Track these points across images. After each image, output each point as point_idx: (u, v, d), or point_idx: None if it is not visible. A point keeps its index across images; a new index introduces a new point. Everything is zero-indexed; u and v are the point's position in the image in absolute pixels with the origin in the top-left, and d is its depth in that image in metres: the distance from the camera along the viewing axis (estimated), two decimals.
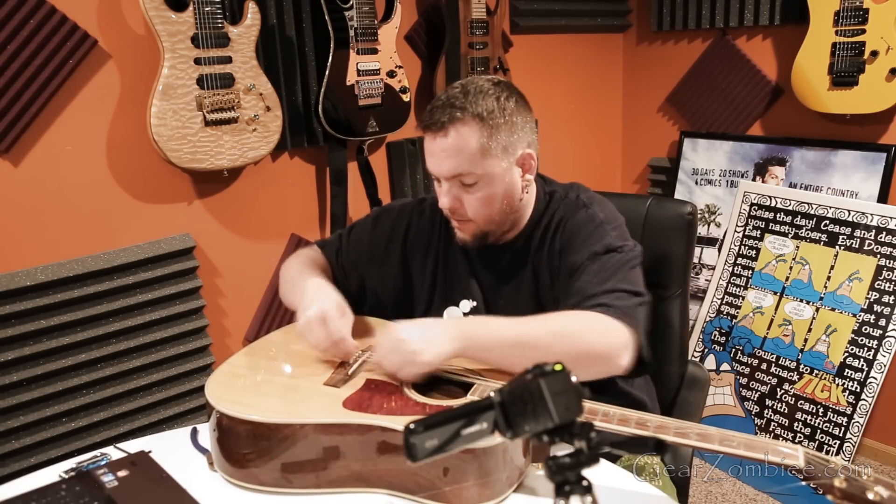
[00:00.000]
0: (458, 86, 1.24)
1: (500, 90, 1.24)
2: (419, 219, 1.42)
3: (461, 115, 1.20)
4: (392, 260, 1.42)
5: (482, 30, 2.41)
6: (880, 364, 2.31)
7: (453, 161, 1.21)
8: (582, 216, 1.28)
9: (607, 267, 1.21)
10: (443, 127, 1.20)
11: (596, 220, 1.27)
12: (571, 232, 1.27)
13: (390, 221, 1.44)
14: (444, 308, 1.38)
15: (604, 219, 1.28)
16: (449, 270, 1.38)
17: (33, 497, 1.04)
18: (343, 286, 1.43)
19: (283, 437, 1.03)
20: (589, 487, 0.62)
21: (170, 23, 1.75)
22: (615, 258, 1.22)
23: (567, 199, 1.33)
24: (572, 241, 1.26)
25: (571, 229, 1.27)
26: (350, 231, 1.49)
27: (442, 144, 1.21)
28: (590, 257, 1.22)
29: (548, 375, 0.64)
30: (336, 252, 1.47)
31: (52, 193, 1.80)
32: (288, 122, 2.12)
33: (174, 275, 1.96)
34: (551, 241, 1.30)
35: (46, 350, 1.76)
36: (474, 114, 1.20)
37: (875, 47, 2.26)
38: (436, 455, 0.66)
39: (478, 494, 0.98)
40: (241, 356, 1.24)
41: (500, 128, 1.21)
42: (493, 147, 1.21)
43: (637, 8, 3.03)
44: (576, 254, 1.24)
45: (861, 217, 2.39)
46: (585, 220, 1.28)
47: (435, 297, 1.39)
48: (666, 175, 3.02)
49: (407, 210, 1.44)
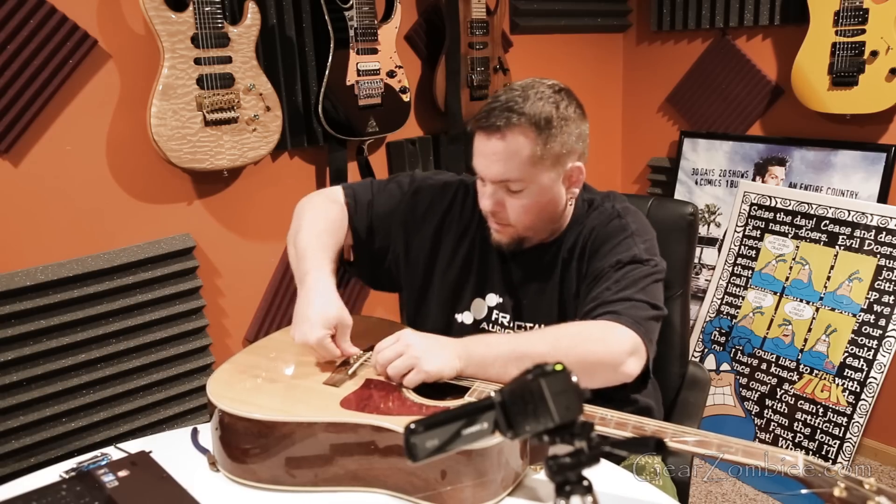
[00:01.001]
0: (517, 88, 1.21)
1: (561, 98, 1.21)
2: (462, 200, 1.39)
3: (518, 120, 1.17)
4: (425, 232, 1.39)
5: (482, 30, 2.41)
6: (880, 364, 2.31)
7: (503, 166, 1.19)
8: (614, 225, 1.28)
9: (628, 276, 1.20)
10: (498, 130, 1.17)
11: (627, 231, 1.27)
12: (601, 239, 1.27)
13: (431, 194, 1.40)
14: (472, 299, 1.36)
15: (635, 230, 1.27)
16: (482, 261, 1.36)
17: (33, 497, 1.05)
18: (364, 241, 1.41)
19: (283, 436, 1.03)
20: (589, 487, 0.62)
21: (170, 23, 1.75)
22: (638, 270, 1.22)
23: (602, 209, 1.32)
24: (600, 249, 1.26)
25: (601, 237, 1.27)
26: (387, 186, 1.44)
27: (494, 147, 1.18)
28: (614, 265, 1.22)
29: (548, 375, 0.64)
30: (367, 204, 1.41)
31: (52, 193, 1.80)
32: (288, 122, 2.12)
33: (174, 275, 1.95)
34: (581, 247, 1.29)
35: (46, 350, 1.76)
36: (531, 121, 1.17)
37: (875, 47, 2.26)
38: (436, 455, 0.66)
39: (473, 495, 0.98)
40: (242, 356, 1.25)
41: (555, 138, 1.19)
42: (545, 157, 1.19)
43: (637, 8, 3.03)
44: (601, 260, 1.24)
45: (861, 217, 2.39)
46: (616, 229, 1.27)
47: (467, 287, 1.37)
48: (666, 175, 3.02)
49: (451, 188, 1.41)
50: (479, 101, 2.47)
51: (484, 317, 1.36)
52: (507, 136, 1.17)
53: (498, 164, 1.19)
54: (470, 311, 1.37)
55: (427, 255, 1.39)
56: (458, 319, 1.37)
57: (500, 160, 1.19)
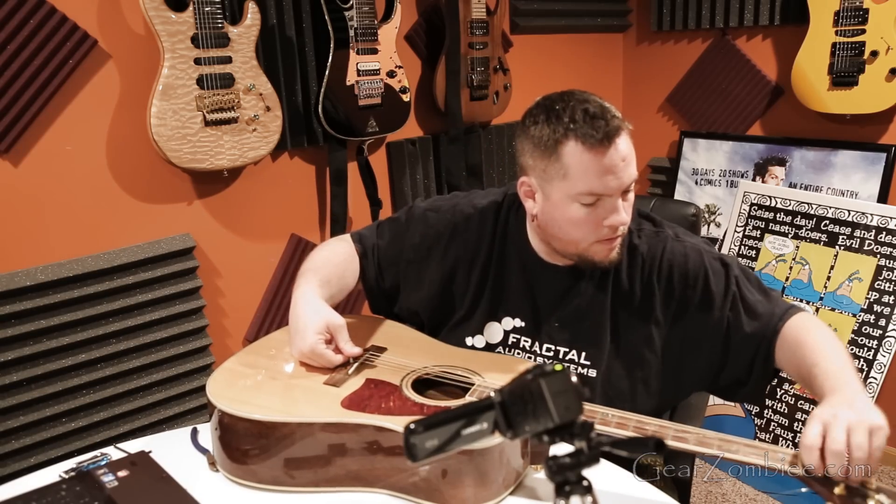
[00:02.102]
0: (581, 96, 1.16)
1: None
2: (466, 226, 1.34)
3: (620, 121, 1.13)
4: (432, 264, 1.35)
5: (482, 30, 2.41)
6: (880, 364, 2.31)
7: (631, 167, 1.15)
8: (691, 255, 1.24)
9: (751, 281, 1.23)
10: (617, 132, 1.12)
11: (701, 251, 1.24)
12: (692, 277, 1.22)
13: (435, 225, 1.36)
14: (485, 323, 1.32)
15: (699, 244, 1.26)
16: (499, 285, 1.32)
17: (33, 497, 1.05)
18: (376, 282, 1.41)
19: (283, 436, 1.03)
20: (589, 487, 0.62)
21: (170, 23, 1.75)
22: (745, 274, 1.23)
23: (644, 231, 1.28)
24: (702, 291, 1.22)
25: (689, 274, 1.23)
26: (388, 226, 1.42)
27: (622, 152, 1.13)
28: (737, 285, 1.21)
29: (548, 375, 0.64)
30: (373, 247, 1.40)
31: (52, 193, 1.80)
32: (288, 122, 2.12)
33: (174, 275, 1.95)
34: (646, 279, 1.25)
35: (46, 350, 1.76)
36: (623, 120, 1.14)
37: (875, 47, 2.26)
38: (436, 455, 0.66)
39: (474, 495, 0.98)
40: (241, 355, 1.25)
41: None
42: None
43: (637, 8, 3.03)
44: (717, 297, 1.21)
45: (861, 217, 2.39)
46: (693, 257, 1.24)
47: (476, 311, 1.33)
48: (666, 175, 3.02)
49: (457, 216, 1.36)
50: (479, 100, 2.47)
51: (499, 341, 1.32)
52: (624, 135, 1.13)
53: (629, 168, 1.14)
54: (482, 335, 1.33)
55: (440, 285, 1.35)
56: (468, 343, 1.33)
57: (629, 163, 1.14)
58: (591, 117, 1.11)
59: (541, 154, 1.16)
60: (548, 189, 1.18)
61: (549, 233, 1.23)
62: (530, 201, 1.23)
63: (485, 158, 2.67)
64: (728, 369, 1.22)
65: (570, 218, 1.17)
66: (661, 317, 1.24)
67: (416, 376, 1.16)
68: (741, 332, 1.20)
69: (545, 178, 1.17)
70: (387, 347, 1.27)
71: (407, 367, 1.19)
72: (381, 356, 1.23)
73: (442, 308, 1.36)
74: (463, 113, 2.43)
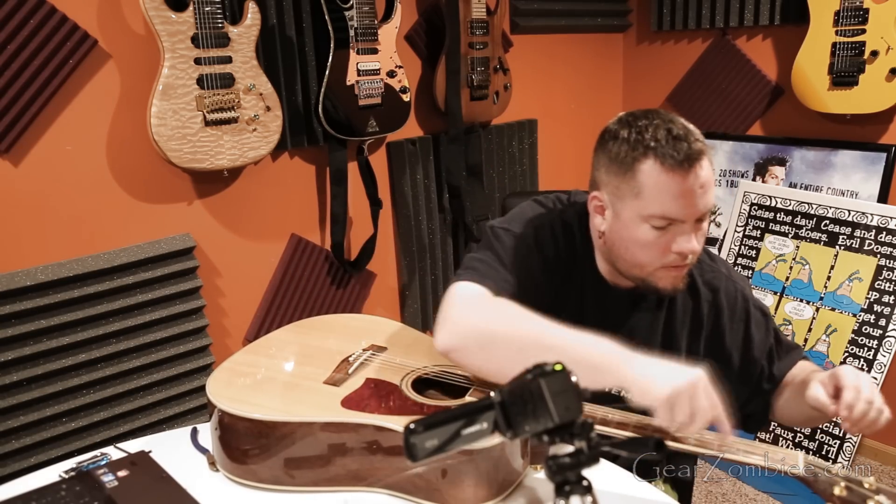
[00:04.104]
0: (663, 117, 1.12)
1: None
2: (555, 248, 1.25)
3: (702, 145, 1.09)
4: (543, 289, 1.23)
5: (482, 30, 2.41)
6: (880, 364, 2.31)
7: (709, 195, 1.11)
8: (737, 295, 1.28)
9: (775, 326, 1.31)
10: (700, 156, 1.08)
11: (744, 295, 1.29)
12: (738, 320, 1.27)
13: (538, 253, 1.24)
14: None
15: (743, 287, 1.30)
16: (581, 306, 1.26)
17: (33, 497, 1.05)
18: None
19: (282, 436, 1.03)
20: (589, 487, 0.62)
21: (170, 23, 1.75)
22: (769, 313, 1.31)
23: (702, 265, 1.29)
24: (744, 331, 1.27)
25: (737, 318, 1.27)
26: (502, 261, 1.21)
27: (701, 178, 1.08)
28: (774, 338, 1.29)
29: (548, 375, 0.64)
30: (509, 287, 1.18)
31: (52, 193, 1.80)
32: (288, 122, 2.12)
33: (174, 275, 1.95)
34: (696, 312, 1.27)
35: (46, 350, 1.76)
36: (706, 144, 1.11)
37: (875, 47, 2.26)
38: (436, 455, 0.66)
39: (474, 495, 0.98)
40: (241, 355, 1.25)
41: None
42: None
43: (637, 8, 3.03)
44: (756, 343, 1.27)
45: (861, 217, 2.39)
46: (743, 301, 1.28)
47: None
48: None
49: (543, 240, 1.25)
50: (479, 100, 2.47)
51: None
52: (705, 161, 1.09)
53: (707, 195, 1.10)
54: None
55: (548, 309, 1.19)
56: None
57: (707, 190, 1.10)
58: (674, 138, 1.08)
59: (616, 170, 1.13)
60: (619, 207, 1.14)
61: (615, 253, 1.19)
62: (599, 217, 1.19)
63: (485, 158, 2.67)
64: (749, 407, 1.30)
65: (638, 239, 1.13)
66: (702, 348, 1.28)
67: (416, 376, 1.16)
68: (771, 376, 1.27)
69: (618, 195, 1.13)
70: (387, 347, 1.27)
71: (407, 367, 1.19)
72: (381, 356, 1.23)
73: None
74: (463, 113, 2.43)
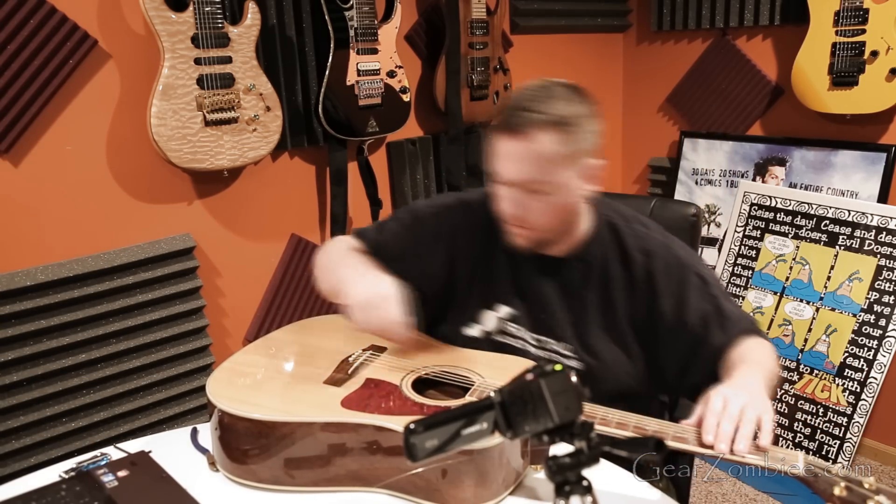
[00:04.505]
0: (533, 87, 1.19)
1: (576, 95, 1.20)
2: (466, 218, 1.38)
3: (539, 118, 1.14)
4: (437, 258, 1.37)
5: (482, 30, 2.41)
6: (880, 364, 2.31)
7: (524, 167, 1.17)
8: (671, 262, 1.27)
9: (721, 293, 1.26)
10: (520, 130, 1.15)
11: (684, 263, 1.27)
12: (675, 283, 1.26)
13: (436, 218, 1.39)
14: (480, 310, 1.34)
15: (686, 257, 1.29)
16: (491, 273, 1.34)
17: (33, 497, 1.05)
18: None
19: (282, 436, 1.03)
20: (589, 487, 0.62)
21: (170, 23, 1.75)
22: (715, 283, 1.27)
23: (635, 233, 1.30)
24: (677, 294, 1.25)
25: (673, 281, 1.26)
26: (391, 224, 1.43)
27: (516, 148, 1.16)
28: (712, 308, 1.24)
29: (548, 375, 0.64)
30: (375, 244, 1.40)
31: (52, 193, 1.80)
32: (288, 122, 2.12)
33: (174, 275, 1.95)
34: (629, 277, 1.27)
35: (46, 350, 1.76)
36: (552, 120, 1.14)
37: (875, 47, 2.26)
38: (436, 455, 0.66)
39: (474, 495, 0.98)
40: (241, 355, 1.25)
41: (574, 135, 1.16)
42: (566, 155, 1.16)
43: (637, 8, 3.03)
44: (691, 308, 1.24)
45: (861, 217, 2.39)
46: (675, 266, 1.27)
47: (472, 298, 1.36)
48: (666, 175, 3.02)
49: (455, 209, 1.40)
50: (479, 100, 2.47)
51: (495, 328, 1.34)
52: (529, 135, 1.14)
53: (520, 166, 1.17)
54: (479, 323, 1.35)
55: (444, 280, 1.37)
56: (464, 333, 1.35)
57: (521, 160, 1.16)
58: (513, 107, 1.17)
59: None
60: None
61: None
62: None
63: (485, 158, 2.66)
64: (690, 376, 1.26)
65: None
66: (640, 312, 1.27)
67: (416, 376, 1.16)
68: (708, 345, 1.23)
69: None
70: (387, 347, 1.27)
71: (407, 367, 1.19)
72: (381, 356, 1.23)
73: (443, 302, 1.38)
74: (463, 113, 2.43)
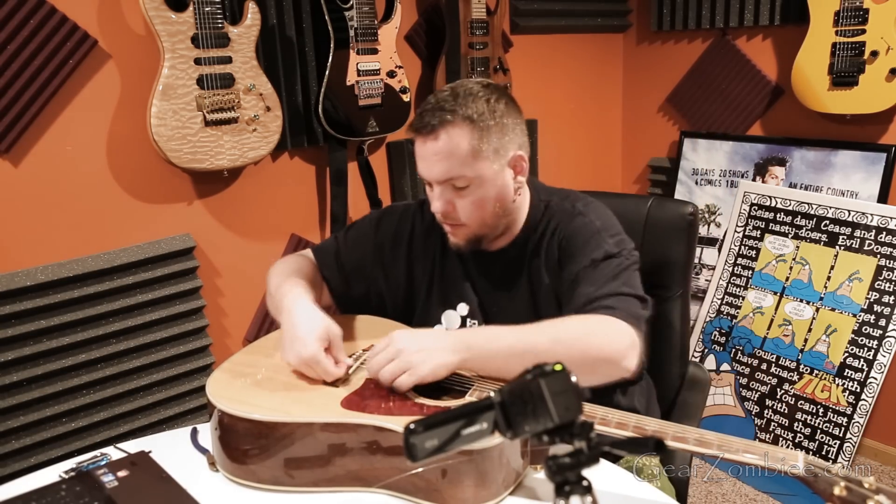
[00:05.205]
0: (447, 89, 1.24)
1: (490, 92, 1.23)
2: (421, 221, 1.41)
3: (451, 117, 1.19)
4: (398, 263, 1.40)
5: (482, 30, 2.41)
6: (880, 364, 2.31)
7: (444, 164, 1.21)
8: (578, 224, 1.28)
9: (607, 272, 1.21)
10: (433, 130, 1.20)
11: (593, 228, 1.27)
12: (569, 241, 1.27)
13: (394, 224, 1.42)
14: (442, 311, 1.37)
15: (601, 226, 1.27)
16: (446, 274, 1.37)
17: (33, 497, 1.05)
18: (342, 291, 1.43)
19: (282, 436, 1.03)
20: (589, 487, 0.62)
21: (170, 23, 1.75)
22: (614, 263, 1.22)
23: (562, 208, 1.32)
24: (570, 250, 1.26)
25: (569, 238, 1.27)
26: (349, 233, 1.46)
27: (433, 148, 1.20)
28: (589, 264, 1.22)
29: (548, 375, 0.64)
30: (335, 255, 1.43)
31: (52, 193, 1.80)
32: (288, 122, 2.12)
33: (174, 275, 1.95)
34: (547, 249, 1.30)
35: (46, 350, 1.76)
36: (464, 116, 1.19)
37: (875, 47, 2.26)
38: (435, 455, 0.66)
39: (474, 495, 0.98)
40: (241, 355, 1.25)
41: (491, 130, 1.21)
42: (485, 149, 1.21)
43: (637, 8, 3.03)
44: (575, 262, 1.24)
45: (861, 217, 2.39)
46: (582, 227, 1.27)
47: (432, 300, 1.38)
48: (666, 175, 3.02)
49: (409, 212, 1.43)
50: None
51: (458, 327, 1.35)
52: (443, 134, 1.19)
53: (439, 164, 1.21)
54: (442, 324, 1.37)
55: (405, 281, 1.40)
56: None
57: (441, 159, 1.21)
58: (423, 111, 1.22)
59: None
60: None
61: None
62: None
63: None
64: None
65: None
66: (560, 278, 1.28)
67: None
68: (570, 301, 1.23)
69: None
70: None
71: None
72: None
73: (407, 305, 1.41)
74: None
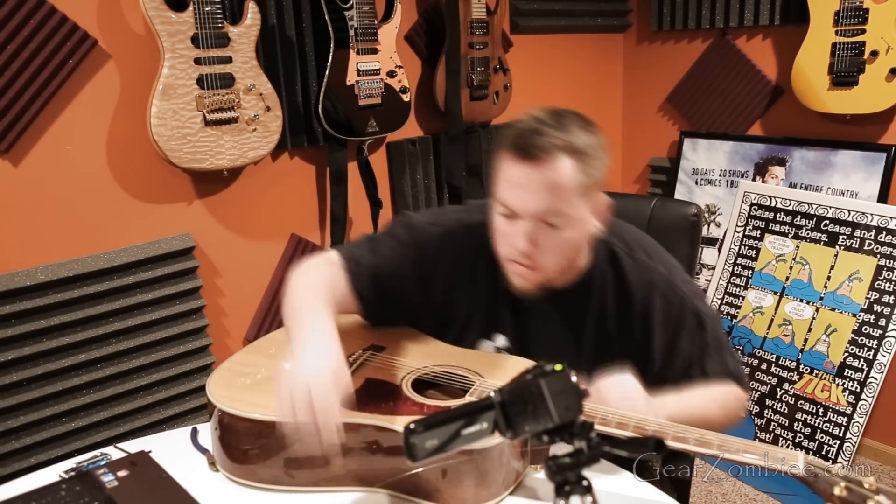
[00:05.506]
0: (547, 113, 1.12)
1: (590, 125, 1.14)
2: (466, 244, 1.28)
3: (559, 143, 1.07)
4: (437, 284, 1.28)
5: (482, 30, 2.41)
6: (880, 364, 2.31)
7: (547, 198, 1.07)
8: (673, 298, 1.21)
9: (714, 339, 1.23)
10: (540, 156, 1.06)
11: (683, 299, 1.22)
12: (671, 324, 1.21)
13: (436, 245, 1.28)
14: (478, 340, 1.30)
15: (688, 292, 1.23)
16: (491, 303, 1.28)
17: (33, 497, 1.05)
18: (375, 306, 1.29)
19: (283, 436, 1.03)
20: (589, 487, 0.62)
21: (170, 23, 1.75)
22: (712, 326, 1.23)
23: (636, 261, 1.23)
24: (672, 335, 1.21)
25: (670, 321, 1.21)
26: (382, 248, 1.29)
27: (537, 176, 1.07)
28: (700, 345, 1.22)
29: (548, 375, 0.64)
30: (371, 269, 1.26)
31: (53, 193, 1.80)
32: (288, 122, 2.12)
33: (174, 275, 1.95)
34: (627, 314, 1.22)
35: (46, 350, 1.76)
36: (573, 147, 1.07)
37: (875, 47, 2.26)
38: (436, 455, 0.66)
39: (474, 495, 0.98)
40: (241, 354, 1.25)
41: (594, 167, 1.10)
42: (583, 186, 1.09)
43: (637, 8, 3.03)
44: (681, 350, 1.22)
45: (861, 217, 2.39)
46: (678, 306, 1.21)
47: (470, 328, 1.30)
48: (666, 175, 3.02)
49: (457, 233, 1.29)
50: (479, 100, 2.47)
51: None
52: (550, 163, 1.06)
53: (541, 196, 1.08)
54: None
55: (442, 303, 1.30)
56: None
57: (543, 191, 1.07)
58: (530, 130, 1.08)
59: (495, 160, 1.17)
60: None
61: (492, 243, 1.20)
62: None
63: (485, 158, 2.66)
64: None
65: (493, 225, 1.17)
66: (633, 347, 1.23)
67: (416, 376, 1.16)
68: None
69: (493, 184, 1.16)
70: (386, 347, 1.27)
71: (407, 367, 1.19)
72: (380, 356, 1.23)
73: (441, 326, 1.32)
74: (463, 113, 2.43)
